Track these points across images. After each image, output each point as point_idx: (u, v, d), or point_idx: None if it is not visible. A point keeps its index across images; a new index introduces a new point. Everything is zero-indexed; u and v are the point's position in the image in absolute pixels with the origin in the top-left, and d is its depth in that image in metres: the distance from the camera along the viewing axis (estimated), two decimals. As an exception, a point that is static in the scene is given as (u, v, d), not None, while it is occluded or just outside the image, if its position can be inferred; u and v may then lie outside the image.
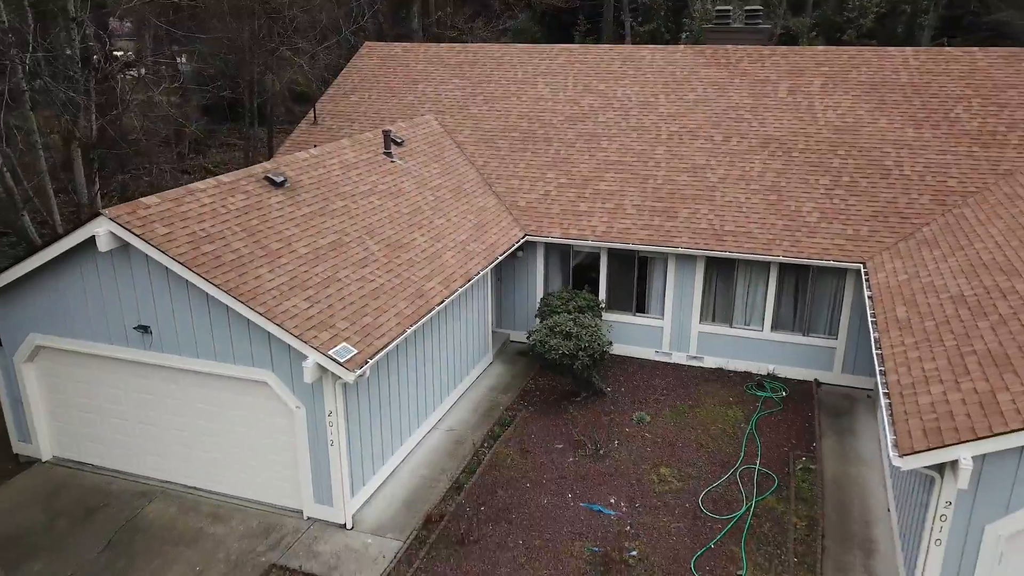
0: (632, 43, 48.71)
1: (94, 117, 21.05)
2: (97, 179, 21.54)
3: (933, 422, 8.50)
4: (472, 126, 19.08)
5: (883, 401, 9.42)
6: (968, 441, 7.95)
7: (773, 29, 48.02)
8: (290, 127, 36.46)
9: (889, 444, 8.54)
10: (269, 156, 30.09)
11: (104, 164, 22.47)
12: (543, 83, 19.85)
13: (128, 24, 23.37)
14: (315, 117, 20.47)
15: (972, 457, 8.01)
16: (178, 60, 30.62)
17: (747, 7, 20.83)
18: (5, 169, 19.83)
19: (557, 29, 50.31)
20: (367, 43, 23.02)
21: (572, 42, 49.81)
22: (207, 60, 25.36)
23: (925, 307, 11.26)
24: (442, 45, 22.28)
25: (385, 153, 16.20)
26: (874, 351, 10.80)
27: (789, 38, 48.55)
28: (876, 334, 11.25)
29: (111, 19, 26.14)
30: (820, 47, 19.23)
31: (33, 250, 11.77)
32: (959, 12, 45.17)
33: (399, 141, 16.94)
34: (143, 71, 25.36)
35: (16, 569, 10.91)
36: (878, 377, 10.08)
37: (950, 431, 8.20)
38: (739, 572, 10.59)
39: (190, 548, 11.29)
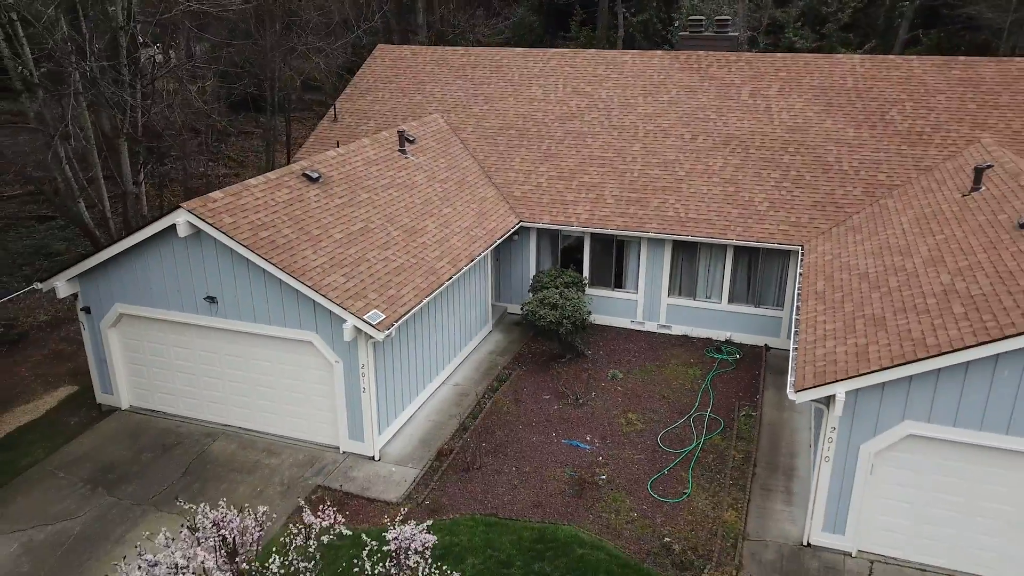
0: (625, 33, 50.86)
1: (140, 114, 23.75)
2: (141, 169, 24.26)
3: (822, 368, 11.32)
4: (474, 124, 21.74)
5: (792, 354, 12.24)
6: (842, 380, 10.76)
7: (761, 18, 50.21)
8: (302, 114, 39.05)
9: (789, 384, 11.36)
10: (287, 144, 32.77)
11: (145, 156, 25.15)
12: (536, 85, 22.47)
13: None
14: (335, 115, 23.10)
15: (845, 392, 10.82)
16: (196, 50, 33.06)
17: (717, 17, 23.34)
18: (66, 162, 22.59)
19: (555, 19, 52.57)
20: (379, 46, 25.60)
21: (569, 32, 52.10)
22: (234, 61, 27.89)
23: (838, 281, 14.04)
24: (447, 48, 24.84)
25: (400, 151, 18.89)
26: (793, 317, 13.59)
27: (776, 27, 50.79)
28: (798, 303, 14.05)
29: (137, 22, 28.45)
30: (780, 54, 21.80)
31: (119, 236, 14.51)
32: (936, 2, 47.35)
33: (411, 139, 19.62)
34: (173, 64, 27.94)
35: (116, 489, 13.80)
36: (792, 336, 12.90)
37: (831, 373, 11.01)
38: (685, 491, 13.47)
39: (251, 475, 14.17)
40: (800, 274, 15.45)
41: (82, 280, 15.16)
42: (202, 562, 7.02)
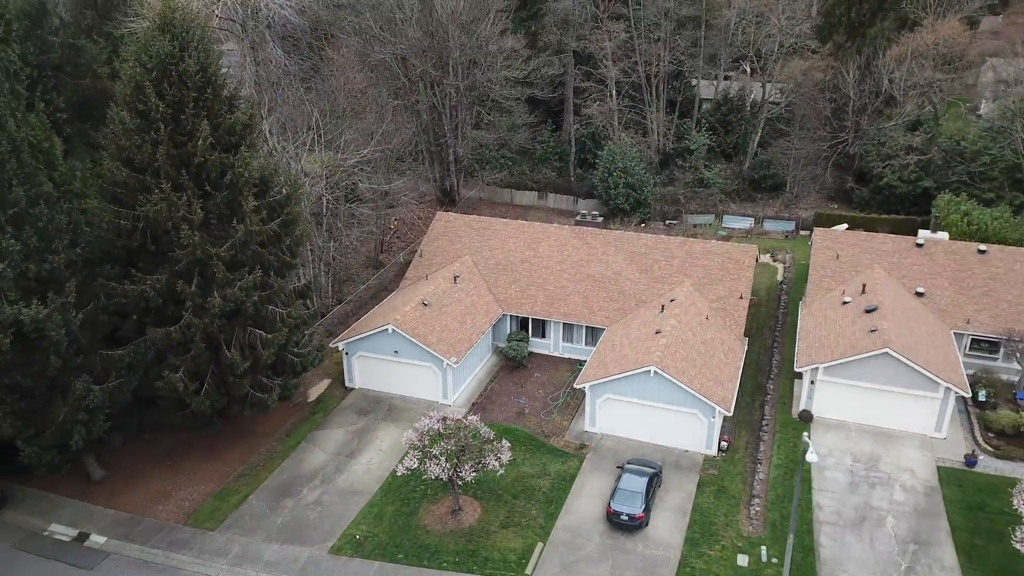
0: (576, 141, 77.66)
1: (332, 253, 51.60)
2: (331, 278, 52.21)
3: (586, 376, 39.20)
4: (483, 262, 49.29)
5: (582, 371, 40.15)
6: (590, 382, 38.63)
7: (670, 126, 76.02)
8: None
9: (577, 382, 39.29)
10: (381, 239, 60.63)
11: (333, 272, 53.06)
12: (512, 241, 49.97)
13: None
14: (421, 253, 50.66)
15: (589, 385, 38.68)
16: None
17: (592, 211, 50.72)
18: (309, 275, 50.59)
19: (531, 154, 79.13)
20: (439, 213, 53.22)
21: (546, 133, 78.80)
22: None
23: (608, 344, 41.82)
24: (471, 217, 52.38)
25: (454, 283, 46.55)
26: (591, 355, 41.52)
27: (680, 133, 77.24)
28: (595, 349, 41.89)
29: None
30: (618, 231, 49.21)
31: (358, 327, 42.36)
32: (771, 128, 74.37)
33: (458, 275, 47.21)
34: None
35: (367, 415, 41.95)
36: (586, 364, 40.78)
37: (587, 379, 38.90)
38: (553, 415, 41.48)
39: (409, 411, 42.14)
40: (601, 339, 43.27)
41: (348, 344, 43.11)
42: (433, 419, 34.35)
